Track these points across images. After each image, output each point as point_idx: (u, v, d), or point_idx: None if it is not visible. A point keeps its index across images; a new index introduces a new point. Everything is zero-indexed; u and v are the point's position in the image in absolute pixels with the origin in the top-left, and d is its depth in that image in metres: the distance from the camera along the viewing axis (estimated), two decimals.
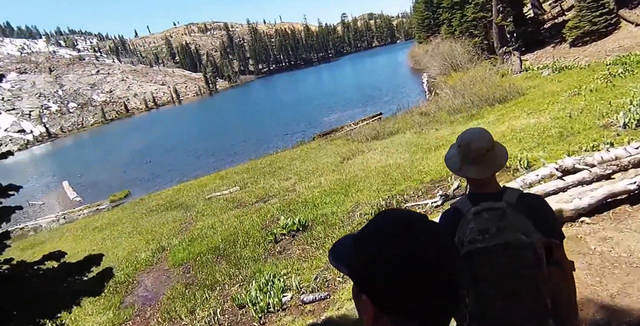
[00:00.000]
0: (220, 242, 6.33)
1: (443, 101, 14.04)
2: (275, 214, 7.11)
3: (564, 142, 6.17)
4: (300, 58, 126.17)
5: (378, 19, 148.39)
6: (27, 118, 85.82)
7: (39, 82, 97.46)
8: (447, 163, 1.46)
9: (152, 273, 6.10)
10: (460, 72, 16.84)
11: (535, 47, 18.53)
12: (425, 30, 37.46)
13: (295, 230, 5.97)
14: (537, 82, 12.86)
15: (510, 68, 16.68)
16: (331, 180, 8.79)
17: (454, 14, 23.47)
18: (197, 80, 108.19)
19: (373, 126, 14.89)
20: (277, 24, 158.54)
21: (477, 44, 20.33)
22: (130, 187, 19.21)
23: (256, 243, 5.91)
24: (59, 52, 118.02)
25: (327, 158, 11.64)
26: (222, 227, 7.21)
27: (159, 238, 8.22)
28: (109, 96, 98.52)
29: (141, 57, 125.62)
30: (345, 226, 5.71)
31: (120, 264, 6.87)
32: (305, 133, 20.34)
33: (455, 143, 1.44)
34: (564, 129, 6.78)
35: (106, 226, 11.70)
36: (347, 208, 6.45)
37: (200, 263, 5.79)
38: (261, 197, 9.25)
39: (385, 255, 0.51)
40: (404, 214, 0.57)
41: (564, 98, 9.35)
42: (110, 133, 60.41)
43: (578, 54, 15.25)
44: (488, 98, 11.94)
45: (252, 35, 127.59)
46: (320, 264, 4.73)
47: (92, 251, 9.40)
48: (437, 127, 11.50)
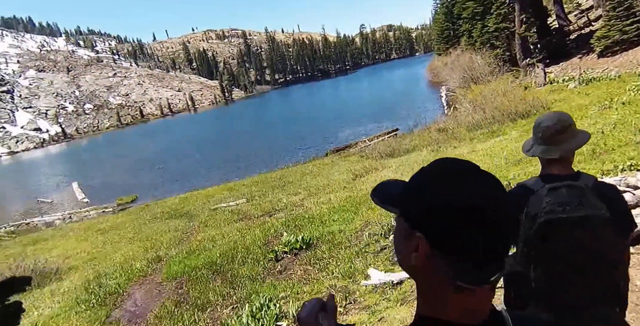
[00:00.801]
0: (218, 256, 5.99)
1: (462, 116, 13.56)
2: (279, 229, 6.77)
3: (596, 160, 5.72)
4: (318, 69, 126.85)
5: (397, 31, 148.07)
6: (43, 117, 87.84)
7: (57, 81, 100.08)
8: (523, 146, 1.45)
9: (145, 285, 5.77)
10: (480, 84, 16.33)
11: (561, 59, 17.62)
12: (444, 42, 36.79)
13: (299, 248, 5.60)
14: (563, 95, 12.26)
15: (534, 81, 15.99)
16: (341, 197, 8.44)
17: (475, 25, 22.89)
18: (213, 88, 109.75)
19: (388, 142, 14.51)
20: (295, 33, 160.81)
21: (498, 56, 19.66)
22: (139, 192, 19.16)
23: (255, 261, 5.55)
24: (78, 52, 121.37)
25: (339, 175, 11.31)
26: (222, 240, 6.89)
27: (158, 246, 7.94)
28: (124, 100, 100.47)
29: (158, 62, 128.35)
30: (352, 246, 5.32)
31: (114, 271, 6.57)
32: (318, 148, 20.01)
33: None
34: (595, 146, 6.31)
35: (109, 229, 11.52)
36: (356, 227, 6.08)
37: (194, 278, 5.45)
38: (267, 211, 8.94)
39: (453, 205, 0.53)
40: (462, 163, 0.58)
41: (593, 112, 8.77)
42: (125, 138, 61.31)
43: (607, 65, 14.43)
44: (510, 112, 11.43)
45: (269, 44, 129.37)
46: (322, 288, 4.35)
47: (92, 254, 9.21)
48: (455, 144, 11.08)
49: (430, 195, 0.55)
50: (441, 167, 0.58)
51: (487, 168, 5.12)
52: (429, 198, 0.55)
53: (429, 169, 0.59)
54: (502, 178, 6.23)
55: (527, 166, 6.44)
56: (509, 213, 0.55)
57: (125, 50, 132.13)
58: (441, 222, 0.53)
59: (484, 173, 0.56)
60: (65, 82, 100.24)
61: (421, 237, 0.54)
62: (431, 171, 0.58)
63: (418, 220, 0.56)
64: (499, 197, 0.54)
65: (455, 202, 0.53)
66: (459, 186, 0.54)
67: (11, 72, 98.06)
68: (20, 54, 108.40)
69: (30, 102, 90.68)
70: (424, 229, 0.55)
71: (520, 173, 6.13)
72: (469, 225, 0.52)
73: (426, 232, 0.54)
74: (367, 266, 4.48)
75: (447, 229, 0.53)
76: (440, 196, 0.54)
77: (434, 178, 0.57)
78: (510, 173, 6.34)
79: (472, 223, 0.52)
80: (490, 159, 7.82)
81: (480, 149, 9.26)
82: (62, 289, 6.33)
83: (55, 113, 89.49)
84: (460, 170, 0.56)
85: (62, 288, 6.37)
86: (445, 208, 0.53)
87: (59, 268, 7.67)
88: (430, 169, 0.59)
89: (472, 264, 0.53)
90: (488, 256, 0.53)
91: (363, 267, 4.49)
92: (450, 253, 0.54)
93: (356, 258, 4.85)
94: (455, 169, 0.57)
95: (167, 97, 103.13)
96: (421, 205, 0.55)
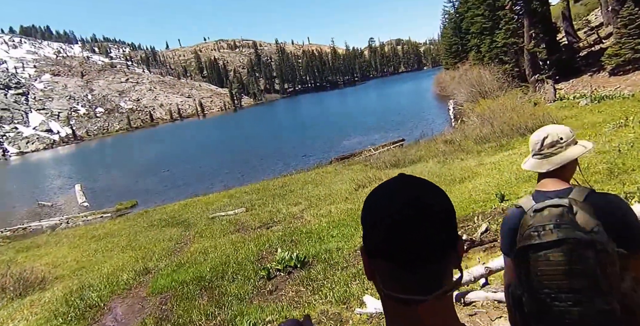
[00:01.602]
0: (208, 271, 5.63)
1: (470, 129, 13.35)
2: (274, 244, 6.41)
3: (615, 181, 5.31)
4: (326, 80, 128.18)
5: (405, 45, 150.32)
6: (55, 119, 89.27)
7: (71, 85, 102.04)
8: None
9: (128, 299, 5.42)
10: (488, 99, 16.17)
11: (570, 76, 17.59)
12: (452, 56, 37.10)
13: (293, 266, 5.22)
14: (574, 112, 12.00)
15: (543, 97, 15.83)
16: (342, 209, 8.08)
17: (483, 40, 22.95)
18: (223, 96, 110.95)
19: (394, 152, 14.24)
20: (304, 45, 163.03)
21: (507, 71, 19.60)
22: (140, 197, 18.97)
23: (246, 278, 5.18)
24: (93, 58, 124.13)
25: (341, 185, 10.98)
26: (214, 253, 6.53)
27: (149, 257, 7.61)
28: (135, 104, 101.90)
29: (170, 69, 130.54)
30: (349, 267, 4.94)
31: (99, 283, 6.23)
32: (323, 156, 19.90)
33: None
34: (613, 165, 5.91)
35: (104, 236, 11.23)
36: (355, 245, 5.69)
37: (180, 294, 5.09)
38: (265, 222, 8.60)
39: (364, 213, 0.59)
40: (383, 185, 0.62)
41: (608, 130, 8.44)
42: (134, 141, 61.97)
43: (619, 83, 14.28)
44: (519, 127, 11.23)
45: (279, 54, 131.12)
46: (312, 314, 3.96)
47: (81, 262, 8.89)
48: (462, 156, 10.73)
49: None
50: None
51: (496, 184, 4.71)
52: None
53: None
54: (512, 195, 5.82)
55: None
56: (408, 220, 0.55)
57: (139, 57, 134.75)
58: (364, 229, 0.59)
59: (396, 189, 0.59)
60: (79, 86, 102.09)
61: (362, 250, 0.61)
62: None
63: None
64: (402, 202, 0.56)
65: (365, 211, 0.59)
66: (371, 201, 0.59)
67: (27, 76, 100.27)
68: (37, 60, 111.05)
69: (44, 104, 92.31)
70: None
71: (532, 190, 5.72)
72: (374, 228, 0.57)
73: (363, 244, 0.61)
74: (364, 291, 4.09)
75: (366, 233, 0.59)
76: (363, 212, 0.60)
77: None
78: (521, 190, 5.94)
79: (377, 226, 0.56)
80: (499, 174, 7.41)
81: (488, 162, 8.88)
82: (43, 300, 6.01)
83: (67, 116, 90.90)
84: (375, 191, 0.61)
85: (44, 298, 6.05)
86: (363, 217, 0.59)
87: (45, 277, 7.36)
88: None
89: (396, 266, 0.55)
90: (403, 262, 0.55)
91: (359, 292, 4.10)
92: (372, 255, 0.58)
93: (353, 281, 4.46)
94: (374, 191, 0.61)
95: (177, 102, 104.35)
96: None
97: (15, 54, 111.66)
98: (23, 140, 79.38)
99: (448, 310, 0.58)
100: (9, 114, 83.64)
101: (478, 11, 23.17)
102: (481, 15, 22.77)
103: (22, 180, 35.52)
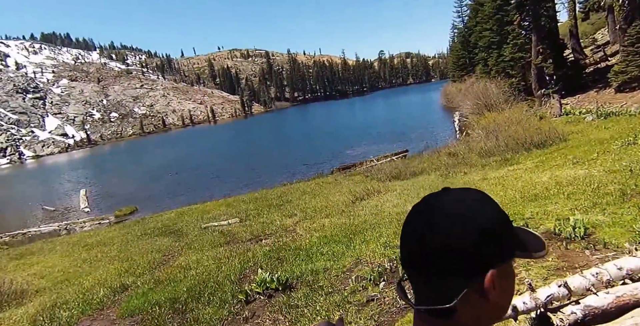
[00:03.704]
0: (185, 291, 5.23)
1: (474, 142, 12.91)
2: (259, 260, 5.99)
3: (629, 204, 4.76)
4: (336, 89, 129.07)
5: (414, 58, 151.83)
6: (71, 123, 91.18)
7: (87, 90, 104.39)
8: None
9: (97, 321, 5.04)
10: (494, 112, 15.81)
11: (577, 91, 17.63)
12: (460, 69, 37.56)
13: (274, 288, 4.79)
14: (580, 128, 11.63)
15: (549, 111, 15.61)
16: (336, 223, 7.63)
17: (491, 54, 23.04)
18: (234, 103, 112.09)
19: (396, 164, 13.79)
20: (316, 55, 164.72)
21: (513, 85, 19.56)
22: (141, 203, 18.85)
23: (223, 301, 4.75)
24: (110, 64, 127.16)
25: (339, 196, 10.55)
26: (196, 270, 6.13)
27: (133, 270, 7.26)
28: (149, 110, 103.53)
29: (184, 76, 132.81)
30: (334, 292, 4.48)
31: (74, 299, 5.89)
32: (326, 165, 19.66)
33: None
34: (625, 186, 5.37)
35: (96, 245, 10.97)
36: (345, 265, 5.23)
37: (151, 317, 4.69)
38: (256, 235, 8.20)
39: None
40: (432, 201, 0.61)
41: (616, 147, 7.97)
42: (145, 146, 62.70)
43: (625, 100, 14.22)
44: (525, 141, 10.82)
45: (291, 64, 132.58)
46: None
47: (67, 274, 8.58)
48: (465, 170, 10.25)
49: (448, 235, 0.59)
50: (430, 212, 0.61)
51: (500, 201, 4.12)
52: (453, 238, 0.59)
53: (417, 219, 0.61)
54: (517, 216, 5.29)
55: (545, 203, 5.50)
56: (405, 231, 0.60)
57: (154, 64, 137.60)
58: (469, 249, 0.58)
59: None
60: (95, 91, 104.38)
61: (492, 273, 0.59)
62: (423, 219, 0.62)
63: (474, 260, 0.60)
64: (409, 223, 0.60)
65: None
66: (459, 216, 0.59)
67: (45, 81, 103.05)
68: (56, 65, 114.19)
69: (60, 109, 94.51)
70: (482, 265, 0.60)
71: (539, 211, 5.20)
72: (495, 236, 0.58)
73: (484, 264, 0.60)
74: (347, 324, 3.64)
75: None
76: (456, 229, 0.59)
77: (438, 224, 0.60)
78: (527, 211, 5.40)
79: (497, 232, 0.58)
80: (504, 190, 6.89)
81: (493, 177, 8.37)
82: (14, 318, 5.68)
83: (82, 120, 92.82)
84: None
85: (15, 316, 5.72)
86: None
87: (25, 290, 7.05)
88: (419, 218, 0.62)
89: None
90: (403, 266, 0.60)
91: None
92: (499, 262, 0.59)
93: (336, 309, 4.01)
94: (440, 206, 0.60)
95: (189, 108, 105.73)
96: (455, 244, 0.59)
97: (35, 60, 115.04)
98: (39, 143, 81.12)
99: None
100: (26, 118, 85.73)
101: (486, 26, 23.41)
102: (489, 30, 23.09)
103: (34, 184, 35.99)
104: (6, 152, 75.19)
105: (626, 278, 2.34)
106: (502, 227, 0.58)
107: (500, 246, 0.56)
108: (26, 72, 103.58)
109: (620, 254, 2.92)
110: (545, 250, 0.60)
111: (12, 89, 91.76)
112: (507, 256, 0.58)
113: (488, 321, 0.58)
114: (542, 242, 0.61)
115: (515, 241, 0.59)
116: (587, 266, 2.97)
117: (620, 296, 2.16)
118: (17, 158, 74.55)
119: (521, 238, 0.60)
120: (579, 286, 2.34)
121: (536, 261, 3.53)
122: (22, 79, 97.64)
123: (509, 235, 0.59)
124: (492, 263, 0.55)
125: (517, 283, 3.32)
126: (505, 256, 0.57)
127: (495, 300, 0.56)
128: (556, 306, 2.29)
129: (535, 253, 0.59)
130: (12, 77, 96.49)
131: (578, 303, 2.21)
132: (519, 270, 3.53)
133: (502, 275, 0.56)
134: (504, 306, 0.59)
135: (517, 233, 0.61)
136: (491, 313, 0.58)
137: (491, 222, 0.56)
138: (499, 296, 0.56)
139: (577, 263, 3.26)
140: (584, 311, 2.14)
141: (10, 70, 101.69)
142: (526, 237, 0.61)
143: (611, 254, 3.09)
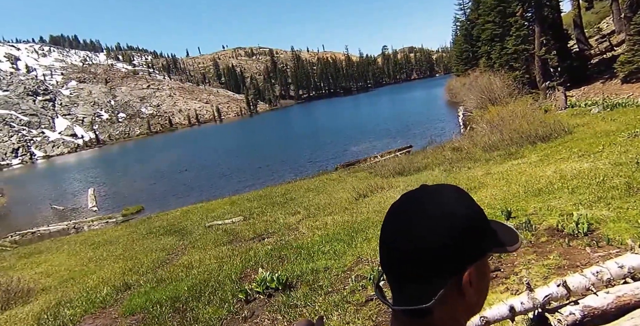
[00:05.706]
0: (186, 290, 5.24)
1: (478, 136, 12.77)
2: (261, 259, 5.98)
3: (635, 198, 4.62)
4: (340, 86, 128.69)
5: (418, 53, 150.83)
6: (80, 124, 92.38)
7: (95, 91, 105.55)
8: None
9: (99, 319, 5.08)
10: (498, 106, 15.61)
11: (582, 83, 17.27)
12: (463, 63, 37.07)
13: (274, 288, 4.77)
14: (586, 120, 11.41)
15: (554, 104, 15.36)
16: (339, 221, 7.59)
17: (494, 47, 22.67)
18: (239, 101, 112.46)
19: (399, 160, 13.71)
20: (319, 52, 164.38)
21: (517, 78, 19.20)
22: (147, 202, 19.01)
23: (223, 301, 4.75)
24: (117, 65, 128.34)
25: (342, 193, 10.51)
26: (198, 269, 6.15)
27: (137, 269, 7.32)
28: (155, 110, 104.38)
29: (189, 76, 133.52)
30: (334, 292, 4.44)
31: (78, 298, 5.95)
32: (330, 162, 19.66)
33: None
34: (631, 179, 5.23)
35: (103, 244, 11.09)
36: (346, 264, 5.19)
37: (152, 316, 4.71)
38: (259, 233, 8.21)
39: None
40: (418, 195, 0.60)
41: (622, 139, 7.80)
42: (153, 145, 63.27)
43: (632, 91, 13.90)
44: (529, 135, 10.64)
45: (295, 61, 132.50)
46: None
47: (73, 272, 8.67)
48: (470, 165, 10.13)
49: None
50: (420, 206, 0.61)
51: (503, 196, 4.08)
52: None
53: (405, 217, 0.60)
54: (520, 212, 5.19)
55: (549, 198, 5.38)
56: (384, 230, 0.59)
57: (160, 64, 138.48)
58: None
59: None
60: (103, 92, 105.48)
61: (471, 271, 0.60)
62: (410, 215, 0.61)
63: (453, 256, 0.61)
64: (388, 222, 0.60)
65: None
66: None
67: (55, 83, 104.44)
68: (64, 67, 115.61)
69: (70, 110, 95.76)
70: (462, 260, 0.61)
71: (542, 206, 5.09)
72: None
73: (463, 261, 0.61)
74: (345, 324, 3.60)
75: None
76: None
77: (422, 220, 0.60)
78: (530, 206, 5.29)
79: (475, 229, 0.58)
80: (507, 185, 6.77)
81: (496, 172, 8.24)
82: (19, 316, 5.75)
83: (91, 121, 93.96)
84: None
85: (21, 314, 5.79)
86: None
87: (32, 289, 7.14)
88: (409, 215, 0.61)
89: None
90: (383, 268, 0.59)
91: (340, 324, 3.61)
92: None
93: (335, 309, 3.96)
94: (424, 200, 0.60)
95: (195, 108, 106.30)
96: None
97: (45, 62, 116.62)
98: (49, 144, 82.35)
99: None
100: (37, 119, 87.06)
101: (489, 18, 22.97)
102: (492, 22, 22.68)
103: (45, 183, 36.57)
104: (18, 152, 76.52)
105: (628, 276, 2.25)
106: (479, 225, 0.57)
107: (478, 244, 0.56)
108: (36, 75, 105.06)
109: (623, 251, 2.83)
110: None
111: (23, 92, 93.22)
112: (483, 253, 0.57)
113: (463, 318, 0.58)
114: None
115: (491, 237, 0.58)
116: (589, 264, 2.88)
117: (621, 296, 2.08)
118: (28, 158, 75.86)
119: (497, 233, 0.59)
120: (579, 286, 2.26)
121: (537, 260, 3.44)
122: (33, 82, 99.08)
123: (486, 232, 0.58)
124: (469, 262, 0.55)
125: (517, 282, 3.24)
126: (482, 254, 0.57)
127: (472, 297, 0.56)
128: (554, 307, 2.22)
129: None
130: (23, 80, 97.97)
131: (577, 304, 2.13)
132: (519, 269, 3.45)
133: (478, 272, 0.56)
134: (479, 303, 0.59)
135: (493, 228, 0.60)
136: (467, 310, 0.58)
137: (468, 221, 0.56)
138: (475, 294, 0.56)
139: (579, 261, 3.17)
140: (583, 312, 2.06)
141: (21, 73, 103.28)
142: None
143: (614, 251, 3.00)
